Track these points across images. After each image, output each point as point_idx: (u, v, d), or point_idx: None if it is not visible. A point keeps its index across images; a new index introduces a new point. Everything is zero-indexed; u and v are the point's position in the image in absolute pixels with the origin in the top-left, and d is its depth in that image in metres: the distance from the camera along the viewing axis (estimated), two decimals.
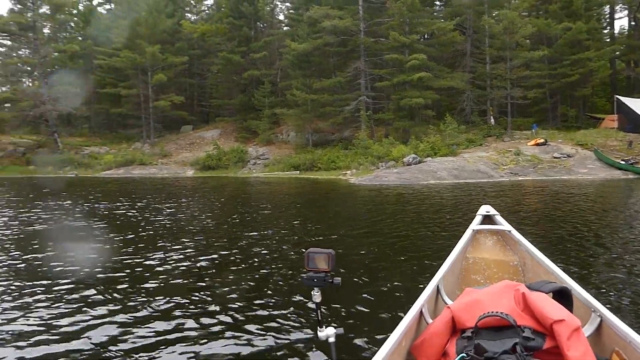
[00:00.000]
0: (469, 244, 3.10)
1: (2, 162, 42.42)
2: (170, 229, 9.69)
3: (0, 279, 5.74)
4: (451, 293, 2.59)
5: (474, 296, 1.83)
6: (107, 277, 5.77)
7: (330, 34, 35.36)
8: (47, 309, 4.57)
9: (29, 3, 47.97)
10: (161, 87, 45.43)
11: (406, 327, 1.96)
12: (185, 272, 6.08)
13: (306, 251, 1.86)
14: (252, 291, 5.22)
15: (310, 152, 35.44)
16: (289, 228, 10.04)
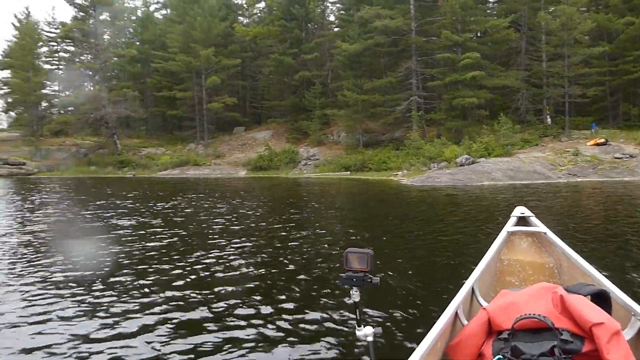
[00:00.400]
0: (504, 245, 3.07)
1: (66, 162, 44.53)
2: (221, 229, 9.96)
3: (60, 274, 6.07)
4: (486, 295, 2.59)
5: (511, 298, 1.83)
6: (158, 275, 6.02)
7: (381, 34, 35.24)
8: (100, 307, 4.79)
9: (90, 10, 50.07)
10: (215, 89, 46.50)
11: (442, 328, 1.96)
12: (230, 271, 6.26)
13: (345, 251, 1.87)
14: (293, 290, 5.36)
15: (361, 152, 35.43)
16: (336, 228, 10.12)
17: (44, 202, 17.07)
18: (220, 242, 8.20)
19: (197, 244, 8.16)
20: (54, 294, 5.12)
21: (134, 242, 8.26)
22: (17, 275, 6.01)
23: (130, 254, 7.28)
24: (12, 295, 5.12)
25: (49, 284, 5.56)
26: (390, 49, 37.05)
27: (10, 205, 16.00)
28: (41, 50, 54.32)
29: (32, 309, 4.62)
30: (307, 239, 8.58)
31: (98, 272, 6.09)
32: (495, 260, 2.94)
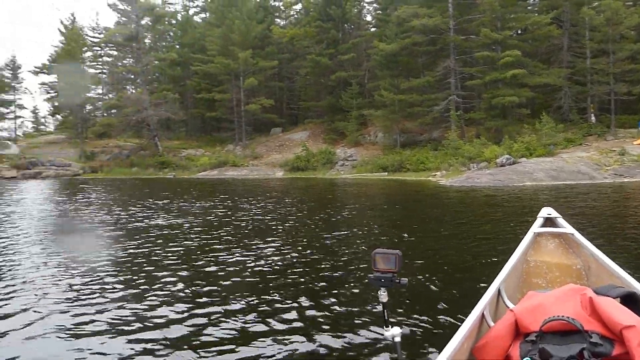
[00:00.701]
0: (530, 246, 3.05)
1: (109, 164, 45.79)
2: (257, 228, 10.11)
3: (99, 272, 6.27)
4: (512, 296, 2.56)
5: (538, 300, 1.81)
6: (192, 274, 6.14)
7: (418, 33, 34.92)
8: (135, 302, 4.95)
9: (132, 15, 51.36)
10: (252, 91, 46.99)
11: (468, 329, 1.96)
12: (262, 270, 6.36)
13: (373, 252, 1.88)
14: (323, 289, 5.40)
15: (399, 153, 35.17)
16: (371, 229, 10.12)
17: (89, 201, 17.60)
18: (256, 242, 8.34)
19: (234, 243, 8.30)
20: (97, 292, 5.28)
21: (173, 241, 8.46)
22: (59, 274, 6.22)
23: (170, 253, 7.46)
24: (55, 289, 5.31)
25: (92, 282, 5.74)
26: (427, 48, 36.66)
27: (55, 206, 16.56)
28: (86, 55, 55.92)
29: (75, 309, 4.78)
30: (341, 239, 8.63)
31: (137, 270, 6.28)
32: (521, 262, 2.93)
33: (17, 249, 8.10)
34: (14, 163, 41.78)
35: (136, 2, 50.47)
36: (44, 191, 25.21)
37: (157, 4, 56.34)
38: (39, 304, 4.97)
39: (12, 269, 6.58)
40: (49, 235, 9.74)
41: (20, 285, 5.66)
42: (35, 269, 6.55)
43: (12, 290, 5.44)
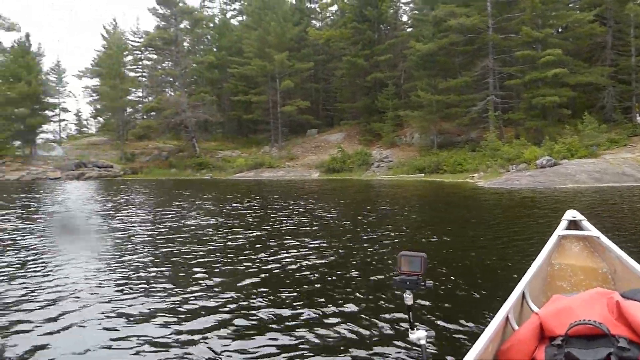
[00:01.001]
0: (555, 249, 3.01)
1: (149, 165, 46.87)
2: (291, 229, 10.17)
3: (135, 269, 6.41)
4: (536, 300, 2.54)
5: (564, 303, 1.79)
6: (227, 273, 6.20)
7: (456, 33, 34.47)
8: (168, 299, 5.01)
9: (172, 19, 52.44)
10: (288, 92, 47.36)
11: (493, 332, 1.95)
12: (291, 270, 6.42)
13: (399, 254, 1.89)
14: (351, 291, 5.39)
15: (435, 154, 34.80)
16: (403, 231, 10.04)
17: (129, 201, 18.03)
18: (290, 242, 8.46)
19: (268, 243, 8.38)
20: (134, 291, 5.41)
21: (208, 241, 8.60)
22: (94, 275, 6.40)
23: (204, 252, 7.59)
24: (96, 290, 5.46)
25: (129, 281, 5.89)
26: (465, 48, 36.18)
27: (96, 206, 17.03)
28: (127, 58, 57.34)
29: (113, 304, 4.90)
30: (372, 240, 8.60)
31: (172, 268, 6.40)
32: (546, 265, 2.90)
33: (58, 247, 8.36)
34: (59, 164, 43.18)
35: (175, 7, 51.52)
36: (86, 192, 25.96)
37: (196, 7, 57.35)
38: (78, 299, 5.14)
39: (53, 266, 6.79)
40: (89, 234, 10.02)
41: (61, 282, 5.85)
42: (74, 266, 6.76)
43: (53, 286, 5.63)
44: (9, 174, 40.63)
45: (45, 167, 42.83)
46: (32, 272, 6.43)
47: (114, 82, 48.20)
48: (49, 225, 11.54)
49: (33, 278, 6.11)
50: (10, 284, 5.83)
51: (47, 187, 30.34)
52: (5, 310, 4.79)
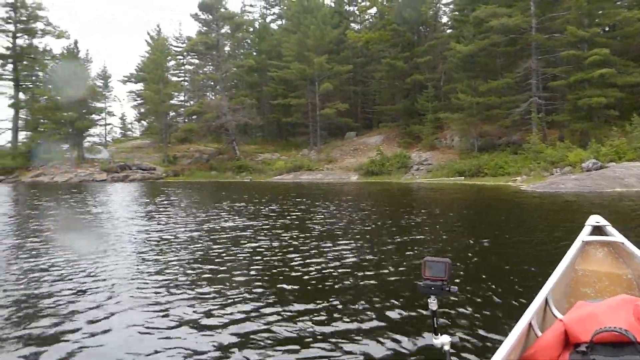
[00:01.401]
0: (578, 255, 2.97)
1: (190, 167, 47.77)
2: (327, 231, 10.18)
3: (174, 270, 6.50)
4: (560, 306, 2.52)
5: (589, 309, 1.78)
6: (256, 275, 6.24)
7: (498, 33, 33.75)
8: (208, 299, 5.06)
9: (213, 25, 53.36)
10: (327, 95, 47.43)
11: (516, 339, 1.94)
12: (324, 272, 6.41)
13: (423, 259, 1.90)
14: (378, 294, 5.37)
15: (476, 157, 34.19)
16: (440, 235, 9.85)
17: (171, 203, 18.40)
18: (326, 244, 8.47)
19: (304, 246, 8.35)
20: (174, 294, 5.48)
21: (246, 242, 8.67)
22: (136, 273, 6.53)
23: (241, 253, 7.66)
24: (134, 293, 5.58)
25: (171, 283, 5.97)
26: (507, 49, 35.43)
27: (139, 207, 17.44)
28: (170, 63, 58.62)
29: (150, 306, 4.97)
30: (407, 244, 8.53)
31: (210, 269, 6.48)
32: (569, 271, 2.87)
33: (100, 248, 8.59)
34: (105, 167, 44.49)
35: (217, 12, 52.41)
36: (130, 193, 26.64)
37: (237, 12, 58.21)
38: (115, 300, 5.24)
39: (93, 267, 6.96)
40: (130, 235, 10.25)
41: (99, 283, 5.99)
42: (113, 267, 6.91)
43: (89, 288, 5.76)
44: (58, 176, 42.13)
45: (92, 169, 44.23)
46: (74, 272, 6.61)
47: (158, 86, 49.35)
48: (94, 226, 11.88)
49: (75, 277, 6.28)
50: (53, 284, 6.01)
51: (93, 188, 31.30)
52: (49, 310, 4.94)
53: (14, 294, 5.59)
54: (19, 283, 6.11)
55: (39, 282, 6.11)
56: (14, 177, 42.58)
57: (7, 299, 5.35)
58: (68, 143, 48.19)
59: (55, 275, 6.41)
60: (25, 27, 52.60)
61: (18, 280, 6.24)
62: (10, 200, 23.42)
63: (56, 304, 5.10)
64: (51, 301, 5.23)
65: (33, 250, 8.32)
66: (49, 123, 47.12)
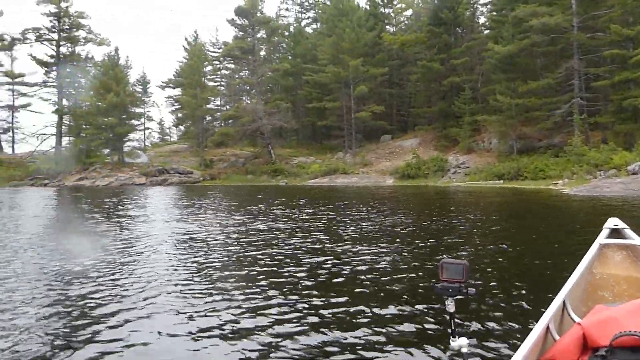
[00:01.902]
0: (596, 258, 2.92)
1: (227, 171, 48.27)
2: (359, 235, 10.02)
3: (208, 270, 6.47)
4: (577, 310, 2.48)
5: (607, 313, 1.74)
6: (288, 277, 6.15)
7: (538, 33, 32.88)
8: (243, 301, 4.97)
9: (249, 29, 53.89)
10: (362, 98, 47.22)
11: (534, 342, 1.92)
12: (353, 278, 6.31)
13: (440, 261, 1.90)
14: (401, 298, 5.27)
15: (515, 160, 33.40)
16: (475, 239, 9.59)
17: (209, 205, 18.54)
18: (360, 247, 8.38)
19: (337, 248, 8.25)
20: (208, 292, 5.44)
21: (283, 245, 8.61)
22: (171, 275, 6.52)
23: (274, 255, 7.58)
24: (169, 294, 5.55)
25: (203, 282, 5.94)
26: (547, 49, 34.48)
27: (175, 211, 17.63)
28: (207, 68, 59.46)
29: (187, 308, 4.92)
30: (439, 248, 8.39)
31: (245, 270, 6.44)
32: (587, 274, 2.84)
33: (135, 250, 8.68)
34: (144, 171, 45.41)
35: (253, 17, 52.88)
36: (168, 197, 27.04)
37: (272, 17, 58.62)
38: (153, 301, 5.24)
39: (130, 268, 7.03)
40: (169, 237, 10.34)
41: (135, 285, 6.00)
42: (149, 269, 6.96)
43: (125, 290, 5.77)
44: (99, 180, 43.21)
45: (131, 173, 45.18)
46: (112, 273, 6.67)
47: (195, 91, 50.06)
48: (135, 228, 12.04)
49: (112, 279, 6.33)
50: (89, 285, 6.04)
51: (133, 192, 31.94)
52: (84, 311, 4.96)
53: (50, 293, 5.66)
54: (58, 283, 6.19)
55: (76, 283, 6.15)
56: (57, 181, 43.87)
57: (45, 299, 5.40)
58: (109, 148, 49.34)
59: (93, 277, 6.47)
60: (68, 35, 54.37)
61: (58, 281, 6.33)
62: (54, 204, 24.08)
63: (91, 306, 5.12)
64: (86, 302, 5.25)
65: (74, 252, 8.46)
66: (90, 128, 48.35)
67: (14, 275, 6.78)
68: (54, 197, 28.96)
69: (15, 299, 5.46)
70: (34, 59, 54.11)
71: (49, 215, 17.81)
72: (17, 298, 5.51)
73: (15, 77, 55.57)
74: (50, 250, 8.96)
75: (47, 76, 55.80)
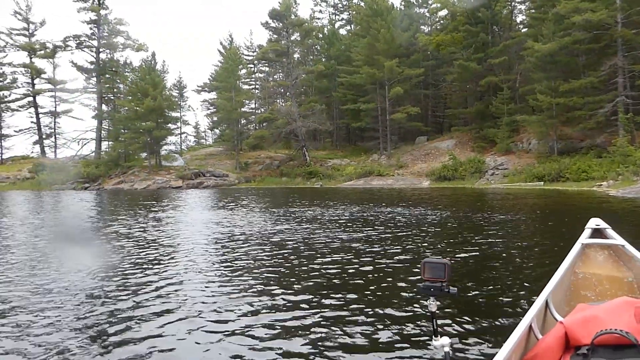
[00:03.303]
0: (578, 258, 2.96)
1: (261, 174, 48.47)
2: (391, 237, 9.83)
3: (239, 271, 6.38)
4: (560, 309, 2.51)
5: (590, 312, 1.77)
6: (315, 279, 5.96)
7: (580, 30, 31.91)
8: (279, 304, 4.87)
9: (283, 32, 54.10)
10: (397, 99, 46.73)
11: (516, 341, 1.93)
12: (373, 274, 6.29)
13: (422, 261, 1.90)
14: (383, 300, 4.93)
15: (556, 160, 32.43)
16: (510, 243, 9.25)
17: (246, 208, 18.58)
18: (391, 249, 8.19)
19: (371, 248, 8.06)
20: (245, 293, 5.37)
21: (320, 246, 8.48)
22: (208, 276, 6.45)
23: (314, 258, 7.44)
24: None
25: (241, 283, 5.87)
26: (590, 46, 33.38)
27: (210, 213, 17.69)
28: (241, 72, 59.93)
29: (224, 312, 4.85)
30: (475, 251, 8.09)
31: (280, 274, 6.35)
32: (569, 274, 2.88)
33: (168, 252, 8.66)
34: (180, 174, 45.97)
35: (287, 20, 53.05)
36: (205, 199, 27.28)
37: (306, 19, 58.68)
38: (191, 302, 5.22)
39: (167, 269, 7.04)
40: (206, 238, 10.34)
41: (173, 287, 5.99)
42: (185, 272, 6.95)
43: (162, 290, 5.76)
44: (137, 184, 43.99)
45: (168, 176, 45.82)
46: (152, 274, 6.67)
47: (230, 94, 50.47)
48: (172, 229, 12.10)
49: (150, 279, 6.32)
50: (126, 286, 6.04)
51: (170, 195, 32.36)
52: (118, 307, 4.97)
53: (86, 287, 5.69)
54: (93, 280, 6.24)
55: (108, 281, 6.18)
56: (97, 185, 44.90)
57: (85, 298, 5.41)
58: (146, 151, 50.16)
59: (133, 277, 6.47)
60: (108, 42, 55.62)
61: (92, 278, 6.40)
62: (93, 207, 24.55)
63: (130, 306, 5.11)
64: (124, 301, 5.26)
65: (113, 253, 8.54)
66: (128, 132, 49.26)
67: (53, 271, 6.93)
68: (95, 200, 29.54)
69: (53, 291, 5.62)
70: (74, 65, 55.69)
71: (90, 216, 18.11)
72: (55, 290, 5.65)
73: (57, 84, 57.21)
74: (90, 249, 9.07)
75: (87, 82, 57.30)
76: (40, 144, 57.81)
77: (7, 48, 56.56)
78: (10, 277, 6.73)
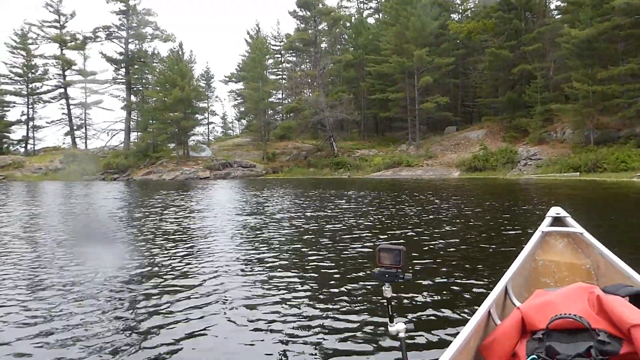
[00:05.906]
0: (538, 246, 3.01)
1: (289, 164, 48.32)
2: (424, 230, 9.41)
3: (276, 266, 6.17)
4: (519, 295, 2.54)
5: (546, 298, 1.80)
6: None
7: (620, 15, 30.70)
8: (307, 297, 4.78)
9: (310, 21, 53.66)
10: (426, 89, 45.91)
11: (474, 326, 1.96)
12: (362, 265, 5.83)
13: (377, 247, 1.88)
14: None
15: (592, 150, 31.42)
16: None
17: (274, 199, 18.41)
18: (422, 244, 7.83)
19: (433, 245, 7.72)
20: (274, 286, 5.24)
21: (350, 240, 8.20)
22: (239, 269, 6.29)
23: (344, 251, 7.21)
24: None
25: (270, 276, 5.72)
26: (631, 31, 32.06)
27: (237, 204, 17.54)
28: (268, 62, 59.68)
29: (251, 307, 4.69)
30: (496, 247, 7.69)
31: (313, 268, 6.15)
32: (529, 261, 2.92)
33: (195, 242, 8.59)
34: (208, 164, 46.11)
35: (315, 8, 52.55)
36: (234, 190, 27.26)
37: (334, 7, 58.07)
38: (218, 294, 5.11)
39: (189, 259, 6.93)
40: (229, 229, 10.19)
41: (203, 279, 5.83)
42: (212, 263, 6.76)
43: (194, 283, 5.62)
44: (166, 174, 44.27)
45: (196, 167, 45.99)
46: (182, 266, 6.55)
47: (257, 84, 50.29)
48: (202, 221, 11.96)
49: (182, 271, 6.21)
50: (154, 280, 5.90)
51: (198, 185, 32.43)
52: (146, 301, 4.87)
53: (123, 284, 5.58)
54: (121, 270, 6.16)
55: (141, 275, 6.07)
56: (126, 176, 45.35)
57: (116, 291, 5.31)
58: (174, 142, 50.43)
59: (164, 270, 6.33)
60: (136, 32, 55.98)
61: (120, 268, 6.33)
62: (123, 197, 24.73)
63: (158, 302, 4.93)
64: (151, 298, 5.08)
65: (143, 246, 8.48)
66: (156, 123, 49.47)
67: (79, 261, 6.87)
68: (124, 190, 29.74)
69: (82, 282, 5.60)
70: (104, 56, 56.23)
71: (118, 207, 18.13)
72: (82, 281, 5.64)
73: (88, 75, 57.86)
74: (120, 238, 8.99)
75: (116, 73, 57.82)
76: (71, 135, 58.67)
77: (38, 40, 57.47)
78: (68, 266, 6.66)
